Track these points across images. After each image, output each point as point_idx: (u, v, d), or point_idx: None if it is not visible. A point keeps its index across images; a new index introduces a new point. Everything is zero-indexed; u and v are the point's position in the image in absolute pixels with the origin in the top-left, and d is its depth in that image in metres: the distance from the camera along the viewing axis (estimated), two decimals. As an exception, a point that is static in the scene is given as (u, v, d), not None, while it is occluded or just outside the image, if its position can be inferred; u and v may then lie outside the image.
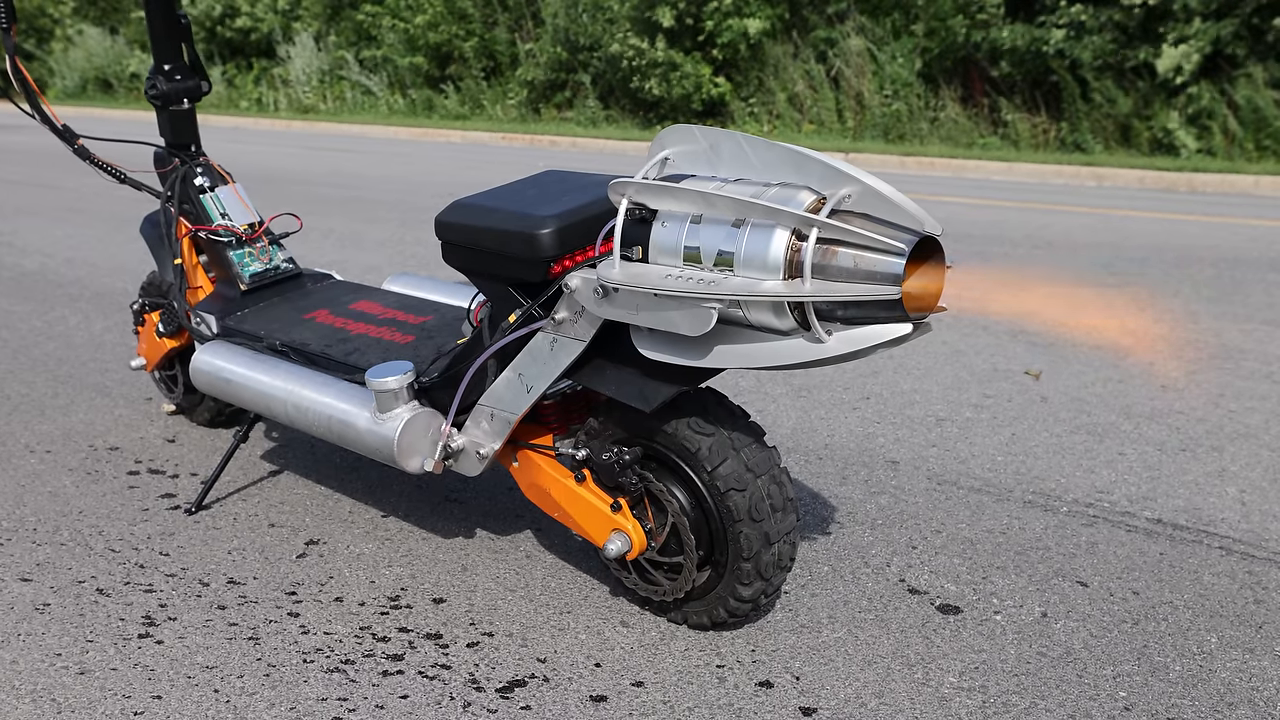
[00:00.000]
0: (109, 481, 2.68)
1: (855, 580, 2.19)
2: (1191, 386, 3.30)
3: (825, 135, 10.08)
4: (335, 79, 13.96)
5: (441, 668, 1.90)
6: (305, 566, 2.26)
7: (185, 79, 2.66)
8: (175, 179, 2.66)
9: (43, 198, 7.12)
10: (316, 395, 2.21)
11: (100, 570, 2.24)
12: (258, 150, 10.09)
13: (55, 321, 4.08)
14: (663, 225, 1.68)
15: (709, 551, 1.92)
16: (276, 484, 2.67)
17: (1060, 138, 9.29)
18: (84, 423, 3.06)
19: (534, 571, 2.24)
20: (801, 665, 1.90)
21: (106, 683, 1.85)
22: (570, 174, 2.05)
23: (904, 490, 2.61)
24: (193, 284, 2.71)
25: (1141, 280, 4.66)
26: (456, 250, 1.97)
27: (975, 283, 1.81)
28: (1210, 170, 7.92)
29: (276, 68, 14.41)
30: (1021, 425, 3.00)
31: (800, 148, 1.62)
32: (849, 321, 1.58)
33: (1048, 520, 2.44)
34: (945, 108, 9.68)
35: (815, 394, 3.27)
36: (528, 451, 2.07)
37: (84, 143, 2.67)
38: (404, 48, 13.09)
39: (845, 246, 1.54)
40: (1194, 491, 2.58)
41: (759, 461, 1.86)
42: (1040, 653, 1.94)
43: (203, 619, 2.06)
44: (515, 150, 10.41)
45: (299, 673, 1.88)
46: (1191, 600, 2.11)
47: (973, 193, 7.45)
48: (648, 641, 1.98)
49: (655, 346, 1.77)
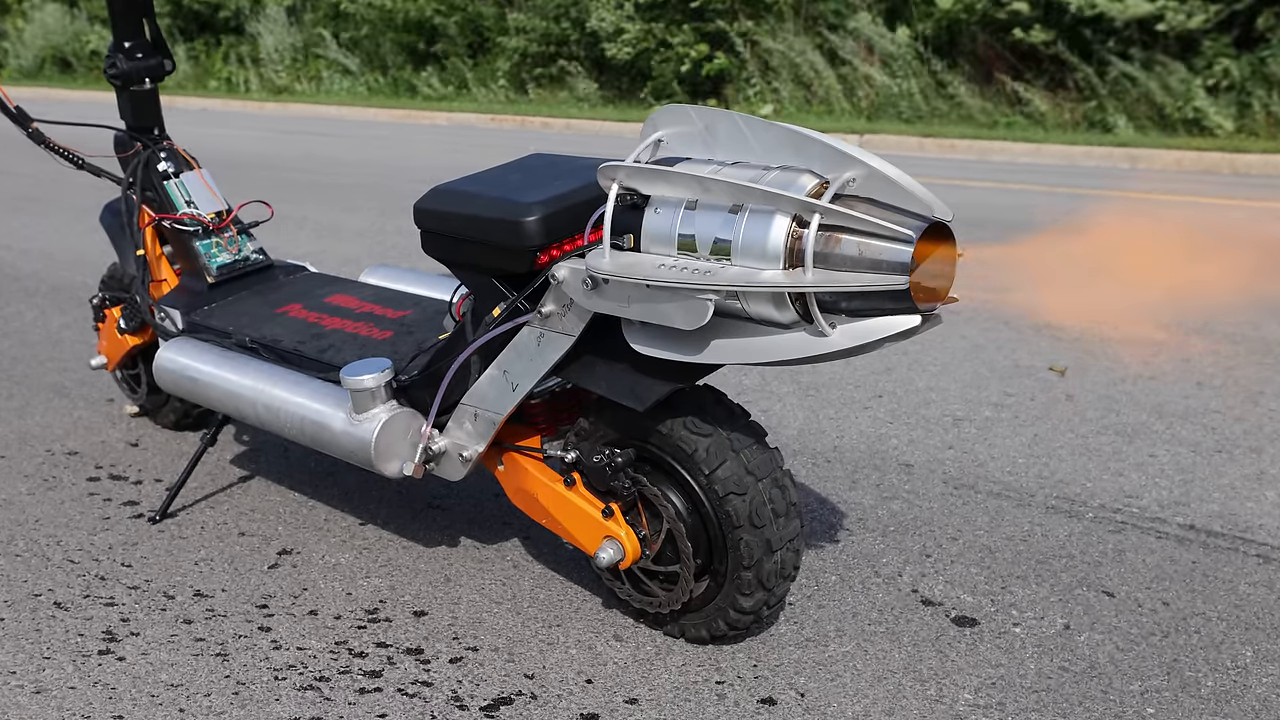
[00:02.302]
0: (67, 488, 2.70)
1: (865, 591, 2.21)
2: (1229, 384, 3.31)
3: (837, 117, 10.08)
4: (311, 57, 13.97)
5: (423, 685, 1.92)
6: (277, 578, 2.28)
7: (147, 57, 2.67)
8: (137, 164, 2.68)
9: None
10: (289, 395, 2.23)
11: (58, 582, 2.26)
12: (227, 134, 10.11)
13: (10, 318, 4.10)
14: (656, 212, 1.70)
15: (707, 560, 1.94)
16: (247, 490, 2.69)
17: (1087, 116, 9.29)
18: (41, 426, 3.08)
19: (521, 582, 2.26)
20: (806, 681, 1.92)
21: (64, 702, 1.87)
22: (558, 157, 2.07)
23: (918, 495, 2.63)
24: (156, 277, 2.72)
25: (1178, 269, 4.67)
26: (437, 239, 1.98)
27: (997, 272, 1.83)
28: (1253, 151, 7.93)
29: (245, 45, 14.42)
30: (1045, 425, 3.02)
31: (801, 128, 1.63)
32: (854, 313, 1.60)
33: (1072, 527, 2.46)
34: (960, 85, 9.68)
35: (824, 393, 3.28)
36: (514, 454, 2.09)
37: (39, 126, 2.68)
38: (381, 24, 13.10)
39: (849, 233, 1.56)
40: (1230, 496, 2.60)
41: (760, 464, 1.88)
42: (1062, 667, 1.95)
43: (167, 634, 2.08)
44: (504, 133, 10.42)
45: (270, 691, 1.90)
46: (1225, 611, 2.13)
47: (996, 176, 7.46)
48: (642, 656, 2.00)
49: (648, 341, 1.78)
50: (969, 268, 1.66)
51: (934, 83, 9.84)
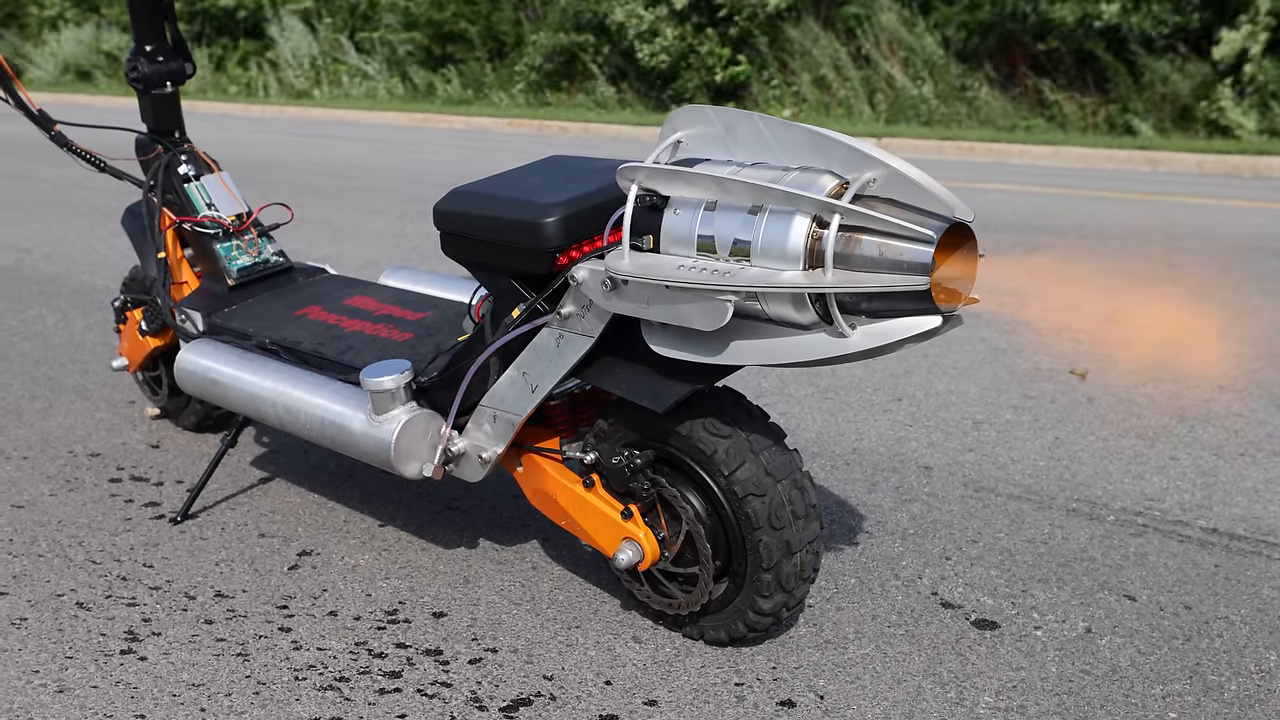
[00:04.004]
0: (89, 489, 2.72)
1: (884, 593, 2.21)
2: (1251, 387, 3.29)
3: (856, 119, 10.07)
4: (330, 62, 14.04)
5: (442, 685, 1.92)
6: (297, 579, 2.29)
7: (168, 60, 2.69)
8: (158, 167, 2.70)
9: (18, 189, 7.20)
10: (309, 396, 2.24)
11: (80, 583, 2.28)
12: (247, 138, 10.16)
13: (32, 320, 4.13)
14: (675, 213, 1.70)
15: (726, 562, 1.94)
16: (267, 491, 2.70)
17: (1110, 120, 9.25)
18: (63, 427, 3.10)
19: (540, 584, 2.26)
20: (826, 683, 1.91)
21: (87, 701, 1.89)
22: (577, 159, 2.07)
23: (938, 498, 2.62)
24: (177, 279, 2.74)
25: (1198, 272, 4.65)
26: (456, 241, 1.99)
27: (1016, 275, 1.82)
28: (1276, 153, 7.88)
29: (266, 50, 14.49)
30: (1065, 428, 3.01)
31: (821, 129, 1.63)
32: (874, 314, 1.60)
33: (1093, 530, 2.45)
34: (981, 88, 9.65)
35: (843, 395, 3.28)
36: (533, 455, 2.09)
37: (61, 129, 2.70)
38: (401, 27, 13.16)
39: (870, 234, 1.55)
40: (1253, 499, 2.58)
41: (779, 465, 1.87)
42: (1084, 671, 1.94)
43: (189, 634, 2.09)
44: (523, 137, 10.45)
45: (290, 691, 1.91)
46: (1249, 615, 2.11)
47: (1016, 179, 7.44)
48: (661, 658, 2.00)
49: (668, 342, 1.78)
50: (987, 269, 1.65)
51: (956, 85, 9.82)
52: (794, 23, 10.55)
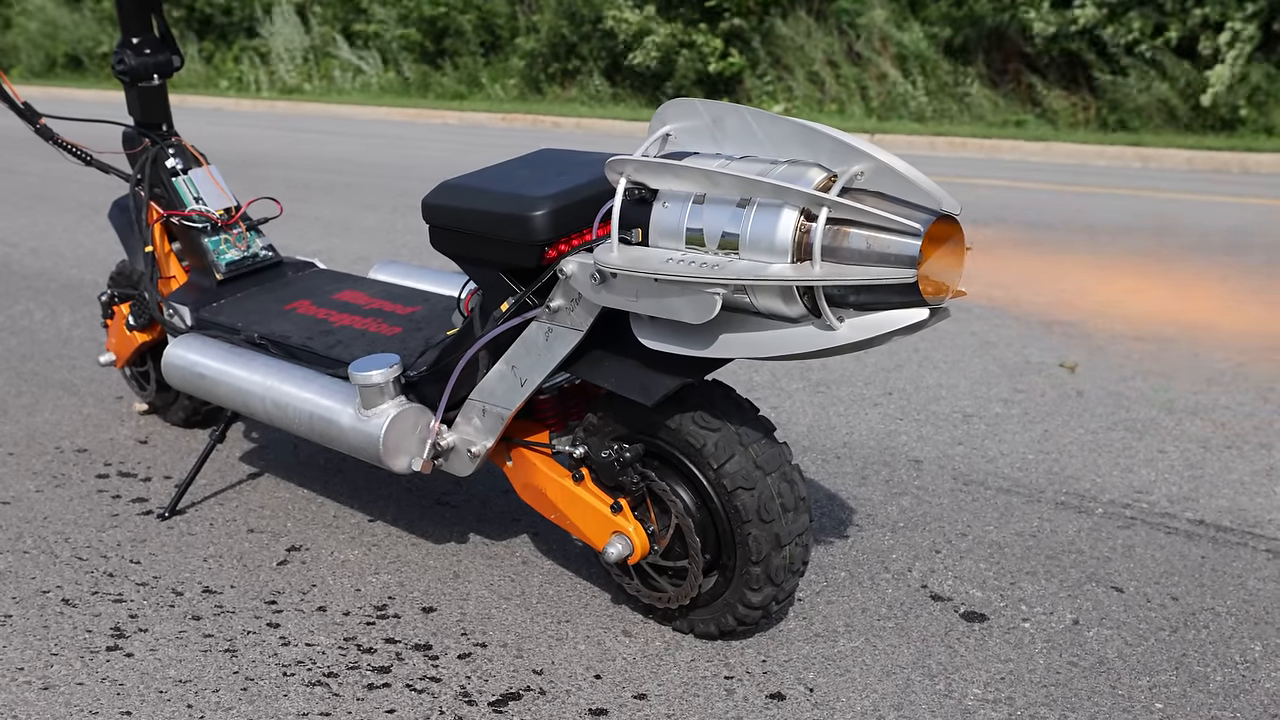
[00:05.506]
0: (76, 485, 2.71)
1: (874, 586, 2.21)
2: (1239, 380, 3.30)
3: (849, 116, 10.07)
4: (322, 56, 14.00)
5: (431, 680, 1.92)
6: (286, 574, 2.29)
7: (155, 53, 2.68)
8: (145, 161, 2.69)
9: (4, 183, 7.16)
10: (297, 391, 2.23)
11: (66, 579, 2.27)
12: (238, 133, 10.13)
13: (19, 315, 4.12)
14: (664, 206, 1.70)
15: (716, 555, 1.94)
16: (256, 487, 2.69)
17: (1101, 116, 9.27)
18: (50, 423, 3.09)
19: (530, 578, 2.26)
20: (816, 676, 1.92)
21: (72, 698, 1.88)
22: (566, 152, 2.07)
23: (928, 491, 2.62)
24: (165, 273, 2.73)
25: (1187, 267, 4.66)
26: (445, 235, 1.99)
27: (1006, 268, 1.82)
28: (1265, 150, 7.90)
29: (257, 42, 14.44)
30: (1054, 421, 3.01)
31: (809, 122, 1.63)
32: (862, 307, 1.60)
33: (1081, 522, 2.45)
34: (973, 84, 9.66)
35: (833, 389, 3.28)
36: (522, 450, 2.09)
37: (46, 122, 2.69)
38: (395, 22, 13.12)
39: (857, 227, 1.55)
40: (1239, 491, 2.59)
41: (768, 458, 1.87)
42: (1071, 662, 1.95)
43: (176, 630, 2.08)
44: (516, 132, 10.43)
45: (278, 686, 1.91)
46: (1235, 607, 2.12)
47: (1008, 175, 7.45)
48: (651, 652, 2.00)
49: (657, 336, 1.78)
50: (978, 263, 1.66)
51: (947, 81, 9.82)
52: (783, 16, 10.54)
